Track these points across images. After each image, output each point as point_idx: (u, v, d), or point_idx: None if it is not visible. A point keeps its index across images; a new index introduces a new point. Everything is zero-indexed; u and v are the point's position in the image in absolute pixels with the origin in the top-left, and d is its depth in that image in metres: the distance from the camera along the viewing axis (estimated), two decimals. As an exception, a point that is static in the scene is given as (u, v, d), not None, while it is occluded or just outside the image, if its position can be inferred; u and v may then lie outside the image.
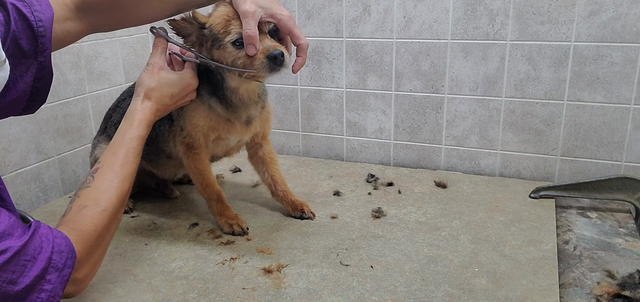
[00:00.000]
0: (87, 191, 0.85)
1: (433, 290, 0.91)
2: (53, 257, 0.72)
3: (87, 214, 0.82)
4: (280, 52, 0.95)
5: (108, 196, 0.85)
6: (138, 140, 0.94)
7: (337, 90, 1.58)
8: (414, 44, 1.45)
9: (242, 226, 1.13)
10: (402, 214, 1.21)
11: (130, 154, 0.92)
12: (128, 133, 0.94)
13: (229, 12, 0.97)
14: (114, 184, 0.87)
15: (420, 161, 1.56)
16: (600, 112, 1.33)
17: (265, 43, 0.96)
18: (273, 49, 0.95)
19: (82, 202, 0.83)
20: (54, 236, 0.74)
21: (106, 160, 0.90)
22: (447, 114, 1.48)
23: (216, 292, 0.92)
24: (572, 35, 1.30)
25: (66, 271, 0.73)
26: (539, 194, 1.28)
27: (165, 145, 1.20)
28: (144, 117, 0.97)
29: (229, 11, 0.98)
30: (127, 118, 0.97)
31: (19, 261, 0.68)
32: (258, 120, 1.15)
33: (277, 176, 1.23)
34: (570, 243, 1.08)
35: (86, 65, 1.51)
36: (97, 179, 0.87)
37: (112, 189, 0.86)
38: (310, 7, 1.53)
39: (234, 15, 0.97)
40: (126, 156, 0.92)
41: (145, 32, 1.74)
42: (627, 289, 0.90)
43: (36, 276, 0.69)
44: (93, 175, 0.88)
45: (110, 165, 0.89)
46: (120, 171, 0.89)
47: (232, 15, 0.97)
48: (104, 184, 0.86)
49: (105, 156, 0.92)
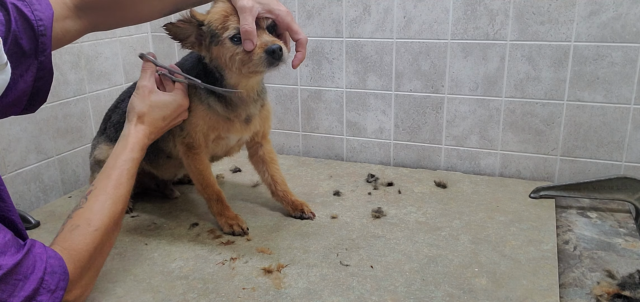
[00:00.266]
0: (79, 212, 0.86)
1: (433, 290, 0.91)
2: (45, 277, 0.71)
3: (79, 234, 0.82)
4: (279, 47, 0.95)
5: (100, 217, 0.85)
6: (131, 163, 0.95)
7: (337, 90, 1.58)
8: (414, 44, 1.45)
9: (242, 226, 1.13)
10: (402, 214, 1.21)
11: (124, 176, 0.93)
12: (121, 156, 0.95)
13: (227, 8, 0.98)
14: (107, 205, 0.87)
15: (420, 161, 1.56)
16: (600, 112, 1.33)
17: (263, 38, 0.96)
18: (271, 43, 0.95)
19: (75, 222, 0.84)
20: (48, 256, 0.73)
21: (99, 182, 0.91)
22: (447, 114, 1.48)
23: (216, 292, 0.92)
24: (572, 35, 1.30)
25: (58, 293, 0.73)
26: (539, 194, 1.28)
27: (165, 145, 1.20)
28: (137, 140, 0.98)
29: (227, 7, 0.98)
30: (120, 141, 0.98)
31: (10, 279, 0.67)
32: (258, 119, 1.14)
33: (277, 176, 1.23)
34: (570, 243, 1.08)
35: (86, 65, 1.51)
36: (90, 200, 0.87)
37: (105, 209, 0.87)
38: (310, 7, 1.53)
39: (232, 11, 0.97)
40: (119, 177, 0.92)
41: (145, 32, 1.74)
42: (627, 289, 0.90)
43: (27, 297, 0.69)
44: (86, 197, 0.88)
45: (103, 187, 0.90)
46: (113, 192, 0.90)
47: (230, 11, 0.97)
48: (97, 204, 0.87)
49: (98, 178, 0.92)
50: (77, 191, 1.44)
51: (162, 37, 1.74)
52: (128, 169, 0.94)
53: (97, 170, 1.26)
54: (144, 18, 0.96)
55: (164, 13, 0.96)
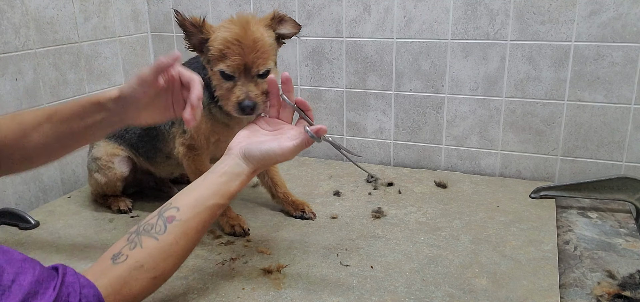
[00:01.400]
0: (151, 245, 0.75)
1: (433, 290, 0.91)
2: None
3: (138, 277, 0.73)
4: (251, 105, 0.95)
5: (168, 266, 0.77)
6: (223, 209, 0.86)
7: (337, 90, 1.58)
8: (414, 43, 1.45)
9: (244, 226, 1.13)
10: (402, 214, 1.21)
11: (209, 220, 0.82)
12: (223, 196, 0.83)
13: (230, 37, 0.96)
14: (180, 254, 0.78)
15: (420, 160, 1.56)
16: (600, 112, 1.32)
17: (243, 88, 0.96)
18: (245, 99, 0.95)
19: (141, 259, 0.74)
20: (80, 286, 0.67)
21: (186, 213, 0.79)
22: (447, 114, 1.48)
23: (216, 292, 0.92)
24: (573, 35, 1.29)
25: None
26: (539, 194, 1.27)
27: (164, 145, 1.20)
28: (240, 187, 0.86)
29: (230, 36, 0.96)
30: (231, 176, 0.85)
31: None
32: None
33: (277, 179, 1.23)
34: (571, 243, 1.08)
35: (85, 65, 1.51)
36: (168, 236, 0.77)
37: (177, 259, 0.78)
38: (310, 7, 1.53)
39: (234, 41, 0.95)
40: (206, 223, 0.82)
41: (145, 32, 1.74)
42: (627, 290, 0.90)
43: None
44: (167, 224, 0.77)
45: (188, 225, 0.79)
46: (193, 238, 0.80)
47: (231, 41, 0.95)
48: (173, 247, 0.77)
49: (187, 206, 0.80)
50: (77, 191, 1.44)
51: (162, 37, 1.74)
52: (216, 214, 0.84)
53: (94, 169, 1.26)
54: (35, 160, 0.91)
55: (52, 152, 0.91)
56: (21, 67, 1.32)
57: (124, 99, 0.88)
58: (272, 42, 1.00)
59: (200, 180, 0.85)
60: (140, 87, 0.87)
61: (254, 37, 0.96)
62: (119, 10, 1.61)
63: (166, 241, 0.76)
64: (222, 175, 0.85)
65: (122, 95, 0.88)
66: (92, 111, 0.89)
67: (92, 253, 1.08)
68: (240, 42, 0.95)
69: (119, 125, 0.94)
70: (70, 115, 0.89)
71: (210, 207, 0.81)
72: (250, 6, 1.60)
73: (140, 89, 0.88)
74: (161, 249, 0.76)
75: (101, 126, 0.91)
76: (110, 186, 1.26)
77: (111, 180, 1.24)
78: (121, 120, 0.92)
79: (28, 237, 1.16)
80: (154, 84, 0.88)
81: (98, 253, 1.07)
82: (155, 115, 0.93)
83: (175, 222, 0.78)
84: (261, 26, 0.99)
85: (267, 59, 0.98)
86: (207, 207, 0.81)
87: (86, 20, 1.50)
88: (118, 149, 1.25)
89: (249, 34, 0.96)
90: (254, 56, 0.96)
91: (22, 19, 1.31)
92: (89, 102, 0.89)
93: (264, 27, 1.00)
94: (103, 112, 0.89)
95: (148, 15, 1.73)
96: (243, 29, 0.96)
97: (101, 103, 0.89)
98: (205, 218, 0.81)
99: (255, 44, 0.96)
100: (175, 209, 0.79)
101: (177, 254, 0.78)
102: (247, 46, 0.95)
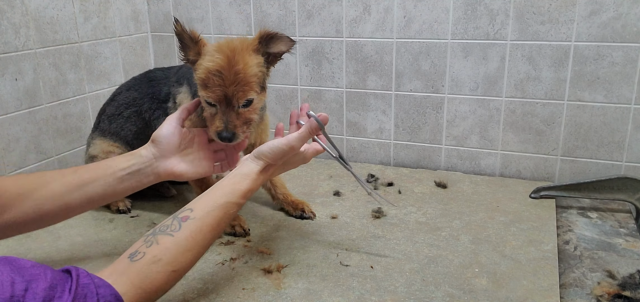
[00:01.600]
0: (167, 241, 0.77)
1: (433, 290, 0.91)
2: None
3: (156, 270, 0.74)
4: (229, 136, 0.97)
5: (187, 261, 0.78)
6: (237, 208, 0.88)
7: (337, 90, 1.58)
8: (414, 43, 1.45)
9: (244, 226, 1.13)
10: (402, 214, 1.21)
11: (224, 219, 0.85)
12: (234, 195, 0.86)
13: (211, 68, 0.95)
14: (197, 248, 0.80)
15: (420, 161, 1.56)
16: (600, 112, 1.32)
17: (224, 118, 0.97)
18: (223, 130, 0.97)
19: (157, 254, 0.75)
20: (95, 286, 0.66)
21: (200, 211, 0.82)
22: (447, 114, 1.48)
23: (216, 292, 0.92)
24: (573, 35, 1.29)
25: None
26: (539, 194, 1.27)
27: None
28: (253, 187, 0.90)
29: (212, 66, 0.95)
30: (240, 177, 0.89)
31: None
32: (255, 132, 1.14)
33: (277, 179, 1.23)
34: (571, 243, 1.08)
35: (86, 65, 1.51)
36: (183, 231, 0.79)
37: (194, 253, 0.79)
38: (310, 7, 1.53)
39: (215, 72, 0.94)
40: (220, 221, 0.84)
41: (145, 32, 1.74)
42: (627, 290, 0.90)
43: None
44: (181, 223, 0.79)
45: (202, 222, 0.81)
46: (208, 236, 0.82)
47: (213, 73, 0.95)
48: (188, 242, 0.78)
49: (200, 207, 0.83)
50: (77, 191, 1.44)
51: (162, 37, 1.74)
52: (231, 214, 0.86)
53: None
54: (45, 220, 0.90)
55: (70, 208, 0.91)
56: (21, 67, 1.32)
57: (157, 139, 0.98)
58: (257, 69, 0.98)
59: (214, 185, 0.89)
60: (176, 127, 1.01)
61: (236, 69, 0.94)
62: (119, 10, 1.61)
63: (182, 236, 0.78)
64: (232, 177, 0.90)
65: (155, 137, 0.98)
66: (122, 160, 0.97)
67: (92, 253, 1.08)
68: (222, 74, 0.94)
69: (154, 176, 0.99)
70: (96, 167, 0.95)
71: (222, 205, 0.84)
72: (250, 6, 1.60)
73: (177, 129, 1.00)
74: (178, 243, 0.77)
75: (131, 176, 0.96)
76: None
77: None
78: (156, 168, 0.98)
79: (28, 237, 1.16)
80: (182, 123, 1.01)
81: (98, 253, 1.08)
82: (188, 165, 1.02)
83: (190, 220, 0.80)
84: (247, 53, 0.97)
85: (249, 90, 0.96)
86: (220, 205, 0.84)
87: (86, 20, 1.50)
88: (114, 147, 1.25)
89: (232, 64, 0.95)
90: (234, 89, 0.95)
91: (22, 19, 1.31)
92: (120, 156, 0.98)
93: (251, 52, 0.98)
94: (134, 159, 0.97)
95: (148, 15, 1.73)
96: (227, 59, 0.95)
97: (133, 153, 0.98)
98: (219, 215, 0.83)
99: (237, 76, 0.94)
100: (189, 210, 0.82)
101: (194, 249, 0.80)
102: (228, 78, 0.94)
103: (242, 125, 0.99)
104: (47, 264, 0.68)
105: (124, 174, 0.95)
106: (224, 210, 0.84)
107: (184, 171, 1.01)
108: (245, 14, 1.61)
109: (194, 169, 1.02)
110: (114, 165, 0.95)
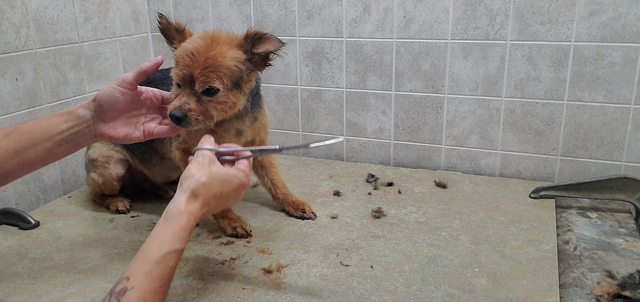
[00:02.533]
0: None
1: (433, 290, 0.91)
2: None
3: None
4: (178, 116, 0.93)
5: None
6: (177, 256, 0.75)
7: (337, 90, 1.58)
8: (414, 44, 1.45)
9: (246, 228, 1.13)
10: (402, 214, 1.21)
11: (167, 275, 0.73)
12: (166, 244, 0.74)
13: (187, 48, 0.95)
14: None
15: (420, 161, 1.56)
16: (600, 112, 1.33)
17: (180, 99, 0.95)
18: (177, 109, 0.94)
19: None
20: None
21: (137, 279, 0.71)
22: (447, 114, 1.48)
23: (216, 292, 0.92)
24: (572, 35, 1.30)
25: None
26: (539, 194, 1.27)
27: (161, 146, 1.20)
28: (188, 223, 0.77)
29: (189, 47, 0.95)
30: (168, 220, 0.77)
31: None
32: (249, 131, 1.13)
33: (277, 179, 1.23)
34: (571, 243, 1.08)
35: (86, 65, 1.51)
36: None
37: None
38: (310, 7, 1.53)
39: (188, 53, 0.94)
40: (162, 278, 0.72)
41: (145, 32, 1.74)
42: (627, 289, 0.90)
43: None
44: (120, 299, 0.69)
45: (143, 290, 0.70)
46: (157, 294, 0.71)
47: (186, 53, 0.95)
48: None
49: (136, 271, 0.72)
50: (77, 191, 1.44)
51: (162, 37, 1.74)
52: (172, 266, 0.74)
53: (91, 169, 1.26)
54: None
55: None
56: (21, 67, 1.32)
57: (100, 101, 0.91)
58: (231, 63, 0.96)
59: (147, 237, 0.77)
60: (119, 87, 0.90)
61: (208, 55, 0.94)
62: (119, 10, 1.61)
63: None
64: (163, 221, 0.78)
65: (98, 97, 0.91)
66: (59, 122, 0.89)
67: (92, 253, 1.08)
68: (193, 56, 0.94)
69: (91, 138, 0.93)
70: (31, 129, 0.88)
71: (160, 259, 0.73)
72: (250, 6, 1.60)
73: (119, 89, 0.90)
74: None
75: (70, 139, 0.90)
76: (107, 186, 1.26)
77: (108, 180, 1.25)
78: (94, 131, 0.92)
79: (28, 237, 1.16)
80: (133, 85, 0.91)
81: (98, 253, 1.08)
82: (129, 128, 0.95)
83: (129, 292, 0.70)
84: (226, 45, 0.96)
85: (214, 78, 0.94)
86: (158, 260, 0.73)
87: (86, 21, 1.50)
88: (113, 151, 1.25)
89: (206, 49, 0.94)
90: (200, 72, 0.94)
91: (22, 19, 1.31)
92: (55, 113, 0.90)
93: (232, 46, 0.97)
94: (72, 121, 0.90)
95: (148, 15, 1.73)
96: (205, 43, 0.95)
97: (70, 112, 0.90)
98: (160, 274, 0.72)
99: (207, 61, 0.94)
100: (125, 280, 0.71)
101: None
102: (198, 61, 0.94)
103: (200, 115, 0.96)
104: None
105: (62, 138, 0.89)
106: (163, 264, 0.73)
107: (120, 135, 0.94)
108: (245, 14, 1.61)
109: (135, 134, 0.95)
110: (51, 128, 0.88)
